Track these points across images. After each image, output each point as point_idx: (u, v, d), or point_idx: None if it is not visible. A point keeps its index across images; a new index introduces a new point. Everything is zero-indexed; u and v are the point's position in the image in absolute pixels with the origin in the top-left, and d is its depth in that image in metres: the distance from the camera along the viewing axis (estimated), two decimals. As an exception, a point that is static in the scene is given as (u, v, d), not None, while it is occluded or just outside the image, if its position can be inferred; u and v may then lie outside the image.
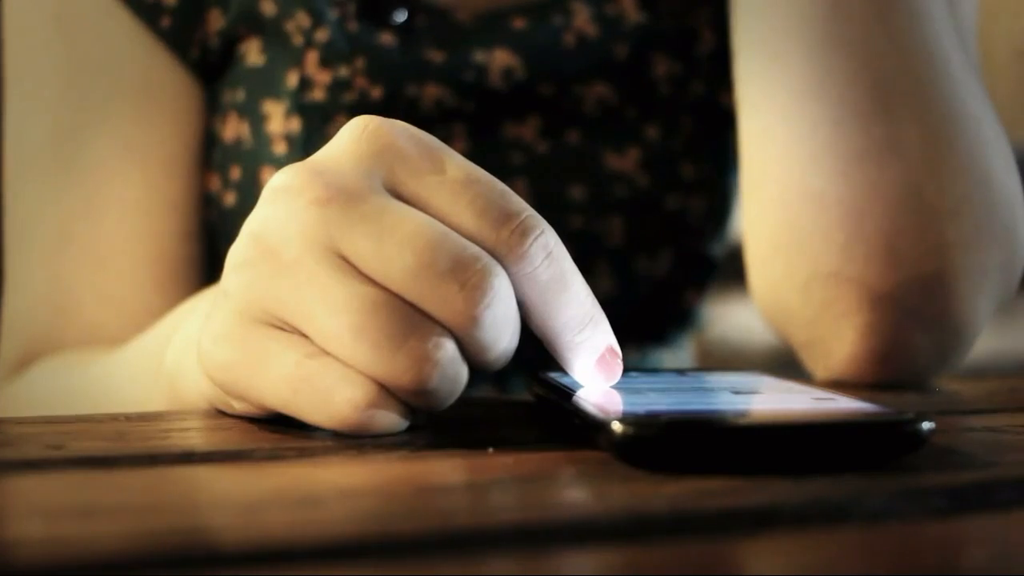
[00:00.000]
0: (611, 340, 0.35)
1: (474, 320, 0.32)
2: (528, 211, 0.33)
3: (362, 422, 0.32)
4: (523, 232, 0.33)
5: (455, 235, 0.32)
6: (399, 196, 0.33)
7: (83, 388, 0.51)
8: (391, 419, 0.32)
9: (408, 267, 0.31)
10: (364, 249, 0.32)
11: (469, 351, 0.32)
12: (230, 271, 0.34)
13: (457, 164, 0.33)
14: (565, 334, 0.34)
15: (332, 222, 0.32)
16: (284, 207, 0.33)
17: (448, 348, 0.32)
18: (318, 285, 0.32)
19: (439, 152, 0.34)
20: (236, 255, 0.34)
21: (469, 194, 0.33)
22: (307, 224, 0.32)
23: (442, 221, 0.33)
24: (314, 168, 0.33)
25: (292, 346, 0.33)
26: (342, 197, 0.32)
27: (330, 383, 0.32)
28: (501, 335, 0.32)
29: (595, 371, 0.35)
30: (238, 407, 0.35)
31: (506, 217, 0.33)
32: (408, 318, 0.31)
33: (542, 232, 0.33)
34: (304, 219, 0.32)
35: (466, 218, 0.33)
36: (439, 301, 0.31)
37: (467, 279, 0.31)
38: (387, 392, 0.32)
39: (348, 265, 0.32)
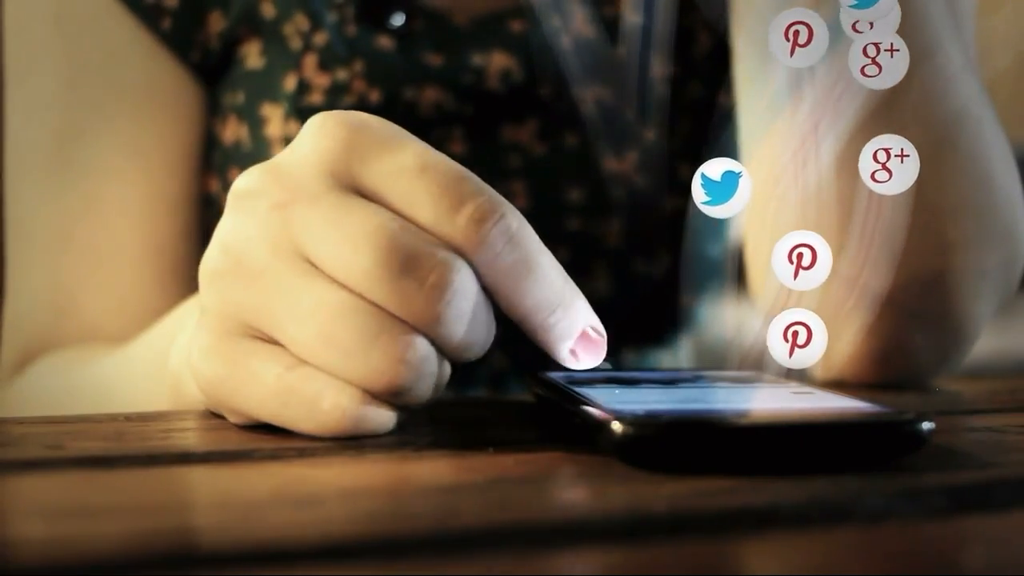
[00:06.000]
0: (590, 320, 0.34)
1: (437, 318, 0.31)
2: (485, 195, 0.32)
3: (352, 426, 0.32)
4: (480, 218, 0.32)
5: (413, 231, 0.32)
6: (359, 191, 0.33)
7: (84, 387, 0.51)
8: (381, 418, 0.32)
9: (368, 269, 0.31)
10: (326, 252, 0.32)
11: (441, 347, 0.32)
12: (204, 284, 0.34)
13: (413, 153, 0.33)
14: (536, 316, 0.33)
15: (294, 226, 0.32)
16: (247, 214, 0.33)
17: (419, 346, 0.31)
18: (285, 293, 0.32)
19: (396, 143, 0.33)
20: (207, 266, 0.34)
21: (424, 183, 0.32)
22: (270, 231, 0.32)
23: (400, 214, 0.32)
24: (274, 170, 0.33)
25: (273, 358, 0.32)
26: (302, 199, 0.32)
27: (314, 392, 0.32)
28: (470, 329, 0.32)
29: (576, 352, 0.34)
30: (233, 419, 0.35)
31: (461, 204, 0.32)
32: (375, 320, 0.31)
33: (502, 216, 0.32)
34: (267, 226, 0.32)
35: (423, 209, 0.32)
36: (401, 301, 0.31)
37: (425, 277, 0.31)
38: (371, 393, 0.32)
39: (314, 269, 0.32)
